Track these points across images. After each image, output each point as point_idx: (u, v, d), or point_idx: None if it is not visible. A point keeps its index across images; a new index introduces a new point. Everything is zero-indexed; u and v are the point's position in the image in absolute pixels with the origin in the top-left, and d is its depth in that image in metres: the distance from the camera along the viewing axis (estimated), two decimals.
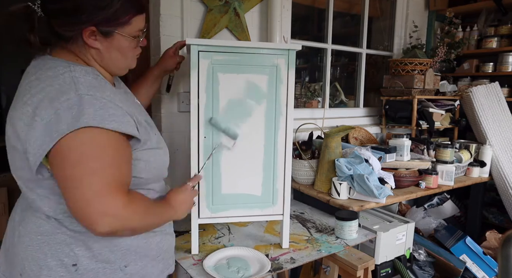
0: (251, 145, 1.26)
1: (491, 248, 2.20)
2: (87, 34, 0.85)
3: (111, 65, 0.93)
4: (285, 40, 2.03)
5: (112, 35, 0.88)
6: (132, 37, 0.92)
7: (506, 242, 0.83)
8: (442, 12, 2.83)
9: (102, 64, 0.92)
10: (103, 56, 0.91)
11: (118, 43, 0.90)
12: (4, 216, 2.89)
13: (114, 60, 0.93)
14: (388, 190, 1.63)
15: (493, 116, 2.38)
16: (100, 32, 0.86)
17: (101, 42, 0.88)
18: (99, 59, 0.91)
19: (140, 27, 0.93)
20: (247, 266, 1.24)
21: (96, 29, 0.85)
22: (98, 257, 0.89)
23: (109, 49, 0.90)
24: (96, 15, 0.84)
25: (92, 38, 0.87)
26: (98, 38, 0.87)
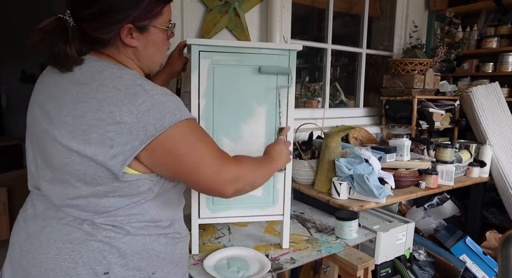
0: (252, 144, 1.26)
1: (491, 248, 2.20)
2: (124, 33, 0.84)
3: (149, 61, 0.93)
4: (285, 40, 2.03)
5: (148, 29, 0.88)
6: (166, 28, 0.92)
7: (506, 242, 0.83)
8: (442, 12, 2.83)
9: (139, 63, 0.92)
10: (140, 54, 0.90)
11: (154, 37, 0.90)
12: (4, 216, 2.89)
13: (151, 56, 0.92)
14: (388, 190, 1.63)
15: (493, 116, 2.38)
16: (136, 29, 0.85)
17: (138, 39, 0.87)
18: (136, 58, 0.90)
19: (169, 17, 0.93)
20: (247, 266, 1.24)
21: (133, 26, 0.84)
22: (129, 265, 0.87)
23: (146, 45, 0.89)
24: (132, 10, 0.82)
25: (129, 36, 0.86)
26: (135, 36, 0.86)
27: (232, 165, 0.89)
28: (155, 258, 0.92)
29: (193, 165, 0.84)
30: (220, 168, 0.86)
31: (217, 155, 0.87)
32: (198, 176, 0.84)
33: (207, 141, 0.88)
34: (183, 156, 0.82)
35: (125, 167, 0.79)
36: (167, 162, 0.83)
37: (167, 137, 0.80)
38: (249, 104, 1.23)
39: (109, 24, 0.82)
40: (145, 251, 0.89)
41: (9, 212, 2.90)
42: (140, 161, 0.81)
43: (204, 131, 0.89)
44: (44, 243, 0.84)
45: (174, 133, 0.80)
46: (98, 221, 0.84)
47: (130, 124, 0.77)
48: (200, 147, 0.85)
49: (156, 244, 0.92)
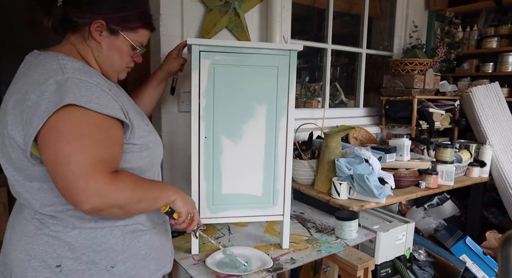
0: (252, 145, 1.26)
1: (491, 248, 2.20)
2: (95, 26, 0.91)
3: (107, 62, 0.97)
4: (285, 40, 2.03)
5: (117, 35, 0.94)
6: (133, 44, 0.98)
7: (506, 242, 0.83)
8: (442, 12, 2.83)
9: (98, 60, 0.96)
10: (101, 52, 0.95)
11: (119, 44, 0.96)
12: (4, 216, 2.88)
13: (111, 59, 0.97)
14: (388, 190, 1.63)
15: (493, 116, 2.38)
16: (108, 28, 0.92)
17: (104, 38, 0.93)
18: (96, 53, 0.95)
19: (142, 41, 1.00)
20: (249, 263, 1.24)
21: (106, 24, 0.91)
22: (82, 258, 0.88)
23: (110, 47, 0.95)
24: (111, 12, 0.91)
25: (98, 31, 0.92)
26: (104, 34, 0.93)
27: (103, 179, 0.79)
28: (111, 251, 0.91)
29: (66, 153, 0.77)
30: (87, 173, 0.77)
31: (95, 160, 0.79)
32: (64, 167, 0.77)
33: (99, 142, 0.81)
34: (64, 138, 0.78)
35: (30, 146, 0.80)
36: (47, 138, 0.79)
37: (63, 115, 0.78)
38: (249, 104, 1.23)
39: (86, 11, 0.90)
40: (96, 244, 0.89)
41: (9, 212, 2.90)
42: None
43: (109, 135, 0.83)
44: (12, 234, 0.92)
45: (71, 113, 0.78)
46: (43, 212, 0.88)
47: (34, 101, 0.78)
48: (86, 141, 0.79)
49: (110, 237, 0.91)
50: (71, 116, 0.79)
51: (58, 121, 0.78)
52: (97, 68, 0.97)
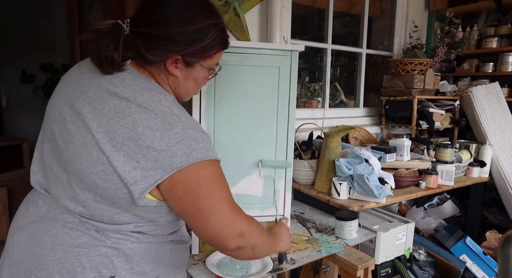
0: (252, 145, 1.26)
1: (491, 248, 2.20)
2: (170, 61, 0.85)
3: (184, 92, 0.94)
4: (285, 40, 2.03)
5: (194, 65, 0.89)
6: (210, 70, 0.93)
7: (506, 242, 0.83)
8: (442, 12, 2.83)
9: (175, 91, 0.92)
10: (178, 84, 0.90)
11: (196, 74, 0.91)
12: (4, 216, 2.88)
13: (188, 88, 0.93)
14: (388, 190, 1.63)
15: (493, 116, 2.38)
16: (183, 61, 0.86)
17: (180, 70, 0.88)
18: (174, 86, 0.90)
19: (218, 60, 0.95)
20: (249, 265, 1.25)
21: (182, 58, 0.85)
22: (135, 269, 0.88)
23: (187, 78, 0.90)
24: (187, 46, 0.84)
25: (173, 65, 0.86)
26: (179, 66, 0.87)
27: (243, 220, 0.85)
28: (160, 262, 0.92)
29: (207, 209, 0.80)
30: (232, 220, 0.83)
31: (232, 206, 0.84)
32: (207, 221, 0.81)
33: (226, 188, 0.85)
34: (201, 197, 0.80)
35: (146, 194, 0.79)
36: (184, 198, 0.80)
37: (192, 173, 0.79)
38: (250, 104, 1.23)
39: (161, 50, 0.83)
40: (150, 256, 0.90)
41: (9, 212, 2.90)
42: (159, 190, 0.81)
43: (224, 177, 0.87)
44: (50, 245, 0.84)
45: (198, 171, 0.79)
46: (108, 229, 0.85)
47: (158, 151, 0.76)
48: (219, 192, 0.82)
49: (162, 250, 0.92)
50: (198, 173, 0.80)
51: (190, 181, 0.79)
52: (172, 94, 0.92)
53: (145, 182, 0.78)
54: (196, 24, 0.83)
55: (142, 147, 0.76)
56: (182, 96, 0.95)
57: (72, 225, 0.85)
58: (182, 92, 0.93)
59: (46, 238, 0.84)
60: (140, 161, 0.77)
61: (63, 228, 0.84)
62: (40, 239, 0.85)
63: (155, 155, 0.76)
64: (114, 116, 0.79)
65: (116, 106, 0.80)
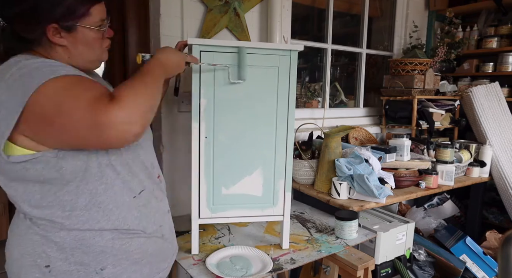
0: (252, 145, 1.26)
1: (491, 248, 2.20)
2: (50, 32, 0.85)
3: (80, 59, 0.92)
4: (285, 40, 2.03)
5: (75, 29, 0.87)
6: (96, 28, 0.91)
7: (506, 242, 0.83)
8: (442, 12, 2.83)
9: (70, 61, 0.90)
10: (70, 52, 0.89)
11: (83, 36, 0.89)
12: (4, 216, 2.88)
13: (83, 55, 0.92)
14: (388, 190, 1.63)
15: (493, 116, 2.38)
16: (63, 28, 0.86)
17: (66, 38, 0.87)
18: (66, 56, 0.89)
19: (101, 16, 0.92)
20: (249, 265, 1.25)
21: (58, 25, 0.85)
22: (70, 259, 0.87)
23: (75, 44, 0.89)
24: (53, 11, 0.83)
25: (57, 36, 0.86)
26: (63, 35, 0.86)
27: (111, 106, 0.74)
28: (101, 253, 0.89)
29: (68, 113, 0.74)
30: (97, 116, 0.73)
31: (93, 101, 0.75)
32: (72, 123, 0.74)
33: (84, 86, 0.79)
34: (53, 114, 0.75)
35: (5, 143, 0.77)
36: (43, 127, 0.77)
37: (36, 100, 0.75)
38: (250, 104, 1.23)
39: (32, 24, 0.83)
40: (84, 245, 0.88)
41: (9, 212, 2.90)
42: (27, 137, 0.78)
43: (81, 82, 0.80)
44: (10, 234, 0.93)
45: (41, 94, 0.75)
46: (31, 212, 0.87)
47: (2, 99, 0.76)
48: (74, 90, 0.76)
49: (99, 239, 0.89)
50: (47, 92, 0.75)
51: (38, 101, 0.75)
52: None
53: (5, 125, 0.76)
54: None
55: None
56: (81, 64, 0.92)
57: (19, 215, 0.91)
58: (79, 60, 0.91)
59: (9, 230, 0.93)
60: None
61: (16, 219, 0.92)
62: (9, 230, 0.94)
63: (1, 104, 0.76)
64: None
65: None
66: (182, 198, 1.78)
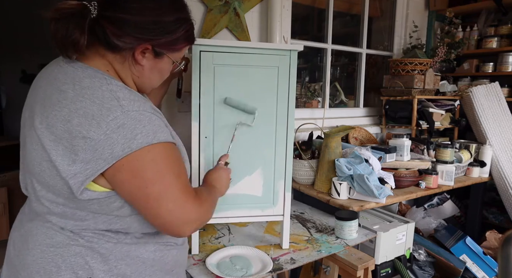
0: (252, 145, 1.26)
1: (491, 248, 2.20)
2: (140, 50, 0.82)
3: (147, 83, 0.91)
4: (285, 40, 2.03)
5: (162, 57, 0.87)
6: (177, 63, 0.93)
7: (506, 242, 0.83)
8: (442, 12, 2.83)
9: (137, 80, 0.89)
10: (143, 74, 0.88)
11: (162, 65, 0.89)
12: (4, 216, 2.89)
13: (152, 80, 0.91)
14: (388, 190, 1.63)
15: (493, 116, 2.38)
16: (153, 51, 0.84)
17: (147, 60, 0.85)
18: (137, 74, 0.87)
19: (183, 54, 0.95)
20: (249, 265, 1.25)
21: (152, 48, 0.83)
22: (113, 271, 0.85)
23: (153, 69, 0.88)
24: (160, 37, 0.82)
25: (142, 54, 0.84)
26: (147, 56, 0.85)
27: (196, 204, 0.82)
28: (141, 264, 0.89)
29: (157, 195, 0.77)
30: (184, 206, 0.80)
31: (185, 190, 0.80)
32: (158, 208, 0.77)
33: (178, 172, 0.81)
34: (149, 181, 0.76)
35: (85, 185, 0.76)
36: (129, 182, 0.76)
37: (136, 159, 0.74)
38: (250, 104, 1.23)
39: (133, 38, 0.79)
40: (129, 257, 0.87)
41: (9, 212, 2.90)
42: (105, 178, 0.77)
43: (178, 160, 0.83)
44: (31, 245, 0.84)
45: (143, 156, 0.75)
46: (81, 226, 0.83)
47: (96, 140, 0.72)
48: (169, 177, 0.78)
49: (143, 251, 0.89)
50: (143, 157, 0.75)
51: (134, 165, 0.75)
52: (132, 85, 0.89)
53: (84, 174, 0.74)
54: (172, 16, 0.83)
55: (78, 138, 0.73)
56: (144, 87, 0.92)
57: (48, 224, 0.84)
58: (145, 83, 0.90)
59: (30, 238, 0.85)
60: (78, 153, 0.73)
61: (42, 228, 0.84)
62: (26, 238, 0.86)
63: (93, 145, 0.72)
64: (52, 110, 0.76)
65: (55, 99, 0.76)
66: None
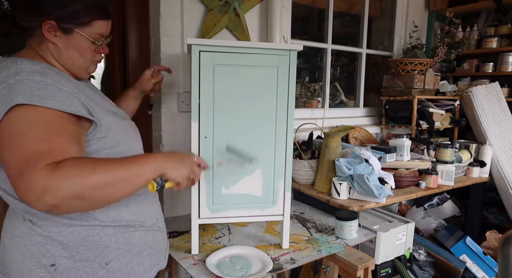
0: (252, 145, 1.26)
1: (491, 248, 2.20)
2: (46, 27, 0.88)
3: (69, 63, 0.94)
4: (285, 40, 2.03)
5: (71, 32, 0.91)
6: (91, 39, 0.94)
7: (506, 242, 0.83)
8: (442, 12, 2.83)
9: (59, 61, 0.93)
10: (60, 53, 0.92)
11: (76, 42, 0.92)
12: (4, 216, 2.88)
13: (72, 58, 0.94)
14: (388, 190, 1.63)
15: (493, 116, 2.38)
16: (60, 28, 0.89)
17: (60, 38, 0.90)
18: (56, 55, 0.92)
19: (101, 31, 0.95)
20: (249, 265, 1.24)
21: (56, 24, 0.88)
22: (75, 256, 0.89)
23: (68, 47, 0.92)
24: (58, 10, 0.87)
25: (52, 33, 0.89)
26: (58, 34, 0.90)
27: (39, 172, 0.72)
28: (105, 248, 0.92)
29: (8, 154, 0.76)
30: (26, 171, 0.72)
31: (30, 156, 0.74)
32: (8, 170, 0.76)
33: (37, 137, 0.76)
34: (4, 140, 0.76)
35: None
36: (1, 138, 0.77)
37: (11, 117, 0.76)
38: (249, 104, 1.23)
39: (32, 14, 0.87)
40: (89, 242, 0.90)
41: None
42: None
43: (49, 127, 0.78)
44: (5, 236, 0.93)
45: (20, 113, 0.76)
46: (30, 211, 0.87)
47: None
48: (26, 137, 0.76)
49: (102, 235, 0.92)
50: (15, 116, 0.76)
51: (8, 121, 0.76)
52: (61, 69, 0.94)
53: None
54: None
55: None
56: (69, 67, 0.94)
57: (16, 217, 0.91)
58: (67, 63, 0.93)
59: (3, 233, 0.94)
60: None
61: (13, 220, 0.92)
62: (3, 232, 0.95)
63: None
64: None
65: None
66: (182, 198, 1.78)
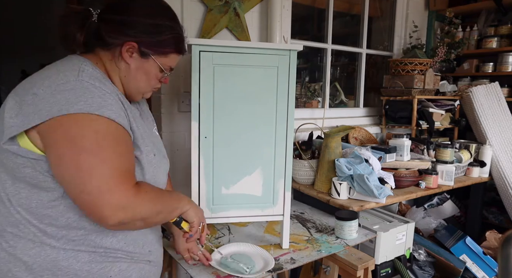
0: (252, 145, 1.26)
1: (491, 248, 2.20)
2: (127, 47, 0.89)
3: (132, 83, 0.95)
4: (285, 40, 2.03)
5: (148, 58, 0.92)
6: (162, 68, 0.96)
7: (506, 242, 0.83)
8: (442, 12, 2.83)
9: (124, 80, 0.93)
10: (129, 73, 0.93)
11: (148, 67, 0.94)
12: None
13: (138, 81, 0.95)
14: (388, 190, 1.63)
15: (493, 116, 2.38)
16: (139, 51, 0.90)
17: (134, 59, 0.91)
18: (124, 73, 0.93)
19: (172, 64, 0.98)
20: (252, 262, 1.24)
21: (137, 46, 0.89)
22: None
23: (138, 69, 0.93)
24: (144, 35, 0.89)
25: (129, 53, 0.90)
26: (134, 56, 0.91)
27: (130, 191, 0.76)
28: (73, 276, 0.81)
29: (89, 166, 0.73)
30: (116, 187, 0.74)
31: (122, 173, 0.76)
32: (88, 181, 0.72)
33: (121, 152, 0.78)
34: (84, 150, 0.73)
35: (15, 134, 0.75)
36: (63, 146, 0.73)
37: (77, 121, 0.74)
38: (249, 104, 1.23)
39: (120, 33, 0.87)
40: (56, 268, 0.80)
41: None
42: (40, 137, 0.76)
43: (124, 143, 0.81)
44: None
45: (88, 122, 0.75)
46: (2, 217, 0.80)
47: (41, 97, 0.75)
48: (108, 153, 0.75)
49: (73, 261, 0.81)
50: (83, 124, 0.74)
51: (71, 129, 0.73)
52: (120, 87, 0.94)
53: (18, 125, 0.75)
54: (155, 20, 0.90)
55: (29, 94, 0.76)
56: (130, 88, 0.95)
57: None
58: (131, 83, 0.94)
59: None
60: (23, 107, 0.76)
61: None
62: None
63: (37, 101, 0.75)
64: None
65: None
66: None
